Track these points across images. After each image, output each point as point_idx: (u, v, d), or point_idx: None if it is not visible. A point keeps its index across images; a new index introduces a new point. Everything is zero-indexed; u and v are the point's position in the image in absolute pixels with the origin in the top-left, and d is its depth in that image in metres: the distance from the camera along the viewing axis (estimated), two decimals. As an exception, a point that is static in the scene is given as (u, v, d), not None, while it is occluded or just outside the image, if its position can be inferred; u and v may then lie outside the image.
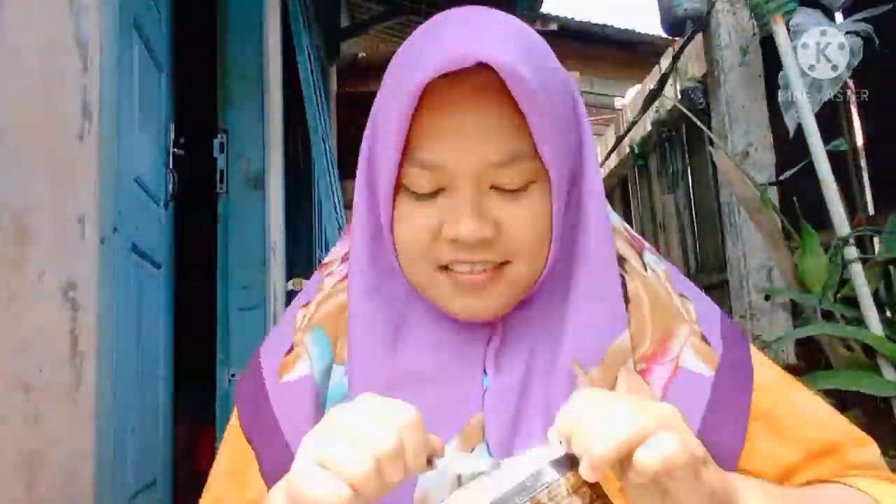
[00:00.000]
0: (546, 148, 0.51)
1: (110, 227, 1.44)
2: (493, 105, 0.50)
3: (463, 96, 0.50)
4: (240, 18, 2.62)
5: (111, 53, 1.47)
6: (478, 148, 0.50)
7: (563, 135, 0.53)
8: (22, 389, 1.05)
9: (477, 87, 0.50)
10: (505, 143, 0.51)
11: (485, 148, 0.50)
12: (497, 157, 0.51)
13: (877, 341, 1.57)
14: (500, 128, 0.50)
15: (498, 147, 0.50)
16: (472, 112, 0.50)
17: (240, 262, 2.45)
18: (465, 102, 0.50)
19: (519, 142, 0.51)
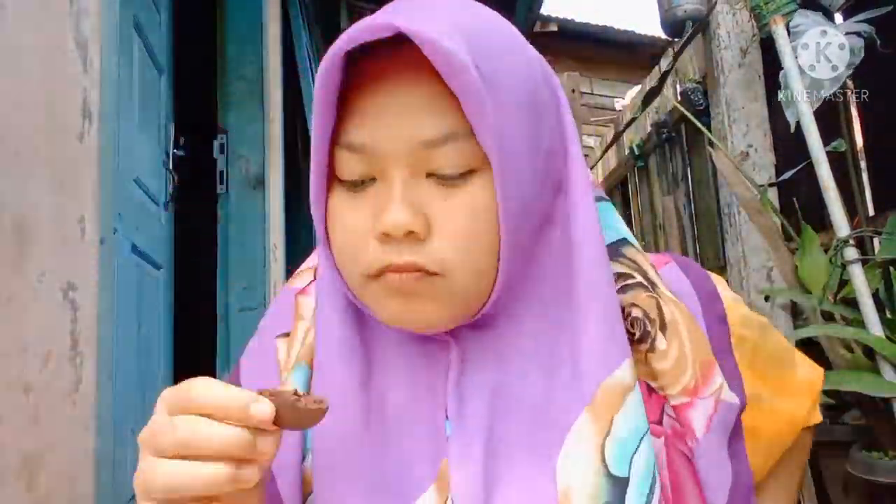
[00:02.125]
0: (481, 127, 0.44)
1: (110, 227, 1.44)
2: (426, 82, 0.45)
3: (395, 73, 0.46)
4: (240, 18, 2.62)
5: (111, 54, 1.47)
6: (408, 124, 0.45)
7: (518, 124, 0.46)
8: (22, 389, 1.05)
9: (412, 66, 0.45)
10: (439, 120, 0.45)
11: (415, 125, 0.45)
12: (429, 134, 0.45)
13: (877, 342, 1.57)
14: (434, 104, 0.45)
15: (430, 123, 0.45)
16: (404, 88, 0.45)
17: (240, 262, 2.45)
18: (396, 79, 0.45)
19: (456, 120, 0.45)
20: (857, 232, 1.73)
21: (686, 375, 0.50)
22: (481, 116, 0.44)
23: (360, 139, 0.46)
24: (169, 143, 2.10)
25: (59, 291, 1.19)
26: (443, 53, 0.42)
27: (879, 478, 1.50)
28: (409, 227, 0.45)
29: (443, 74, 0.43)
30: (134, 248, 1.73)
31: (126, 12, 1.67)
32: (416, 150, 0.46)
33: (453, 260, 0.46)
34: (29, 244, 1.09)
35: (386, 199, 0.46)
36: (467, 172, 0.46)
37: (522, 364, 0.50)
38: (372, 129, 0.46)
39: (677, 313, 0.53)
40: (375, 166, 0.47)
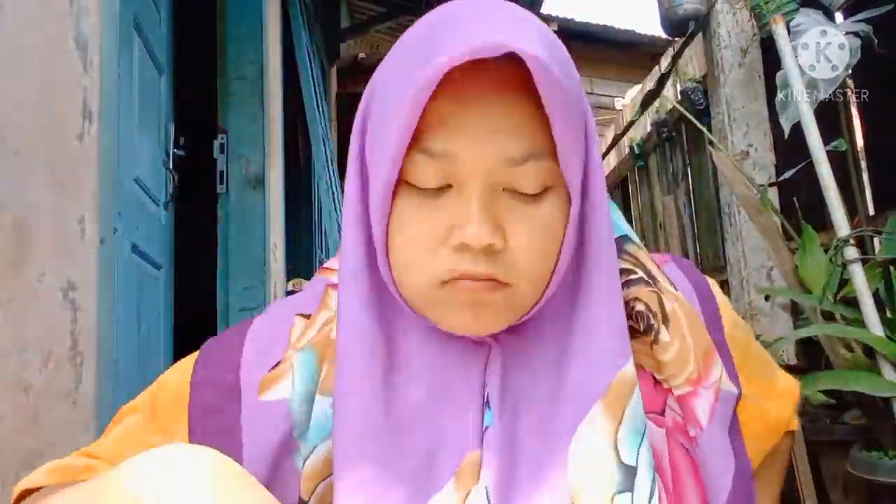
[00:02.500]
0: (568, 149, 0.47)
1: (110, 227, 1.44)
2: (513, 98, 0.46)
3: (482, 86, 0.46)
4: (240, 18, 2.62)
5: (111, 54, 1.47)
6: (494, 141, 0.46)
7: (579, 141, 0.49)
8: (22, 389, 1.05)
9: (498, 78, 0.46)
10: (523, 139, 0.46)
11: (500, 142, 0.46)
12: (513, 152, 0.46)
13: (877, 342, 1.57)
14: (521, 124, 0.46)
15: (515, 142, 0.46)
16: (490, 102, 0.46)
17: (240, 262, 2.45)
18: (483, 93, 0.46)
19: (538, 141, 0.47)
20: (857, 231, 1.73)
21: (689, 366, 0.53)
22: (568, 139, 0.46)
23: (444, 147, 0.46)
24: (169, 143, 2.10)
25: (59, 291, 1.19)
26: (552, 78, 0.44)
27: (880, 477, 1.50)
28: (489, 240, 0.46)
29: (549, 97, 0.44)
30: (134, 247, 1.73)
31: (126, 12, 1.67)
32: (499, 165, 0.46)
33: (524, 272, 0.48)
34: (29, 244, 1.09)
35: (464, 210, 0.46)
36: (543, 190, 0.48)
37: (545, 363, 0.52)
38: (457, 140, 0.46)
39: (678, 307, 0.55)
40: (454, 176, 0.47)
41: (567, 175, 0.48)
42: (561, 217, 0.49)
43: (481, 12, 0.47)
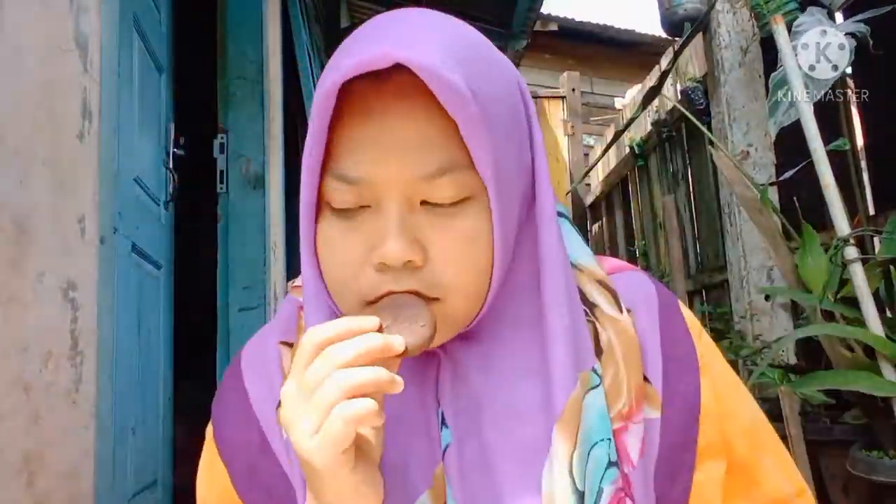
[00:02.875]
0: (482, 158, 0.45)
1: (110, 227, 1.44)
2: (421, 112, 0.45)
3: (388, 103, 0.45)
4: (240, 18, 2.62)
5: (111, 53, 1.47)
6: (403, 159, 0.45)
7: (507, 147, 0.47)
8: (22, 389, 1.05)
9: (405, 94, 0.45)
10: (435, 153, 0.45)
11: (411, 159, 0.45)
12: (425, 169, 0.45)
13: (877, 341, 1.57)
14: (429, 136, 0.45)
15: (426, 157, 0.45)
16: (398, 119, 0.45)
17: (240, 262, 2.45)
18: (390, 110, 0.45)
19: (452, 152, 0.45)
20: (857, 231, 1.73)
21: (621, 400, 0.51)
22: (481, 148, 0.45)
23: (355, 172, 0.46)
24: (169, 143, 2.10)
25: (59, 291, 1.19)
26: (446, 85, 0.42)
27: (880, 477, 1.50)
28: (406, 256, 0.45)
29: (446, 106, 0.43)
30: (134, 247, 1.73)
31: (126, 11, 1.67)
32: (412, 182, 0.46)
33: (451, 285, 0.47)
34: (29, 244, 1.09)
35: (382, 229, 0.46)
36: (461, 200, 0.47)
37: (504, 375, 0.52)
38: (367, 162, 0.46)
39: (614, 337, 0.53)
40: (369, 196, 0.47)
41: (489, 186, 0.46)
42: (486, 227, 0.47)
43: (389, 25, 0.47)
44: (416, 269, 0.46)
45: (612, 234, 5.35)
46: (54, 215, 1.17)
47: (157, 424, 1.92)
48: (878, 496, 1.53)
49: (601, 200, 5.53)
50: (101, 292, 1.36)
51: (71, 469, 1.21)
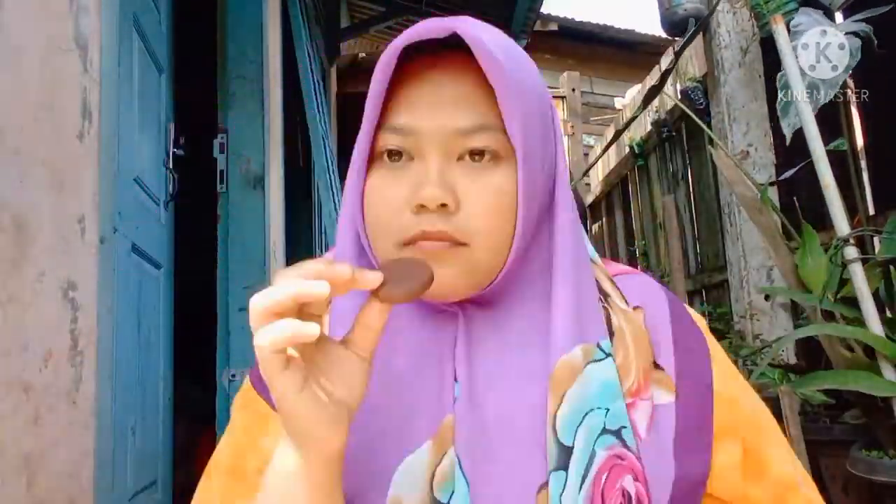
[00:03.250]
0: (513, 123, 0.52)
1: (110, 227, 1.44)
2: (466, 78, 0.53)
3: (439, 70, 0.54)
4: (240, 18, 2.62)
5: (111, 53, 1.47)
6: (447, 114, 0.53)
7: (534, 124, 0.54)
8: (22, 389, 1.05)
9: (454, 64, 0.54)
10: (474, 112, 0.53)
11: (453, 114, 0.53)
12: (465, 123, 0.53)
13: (877, 341, 1.57)
14: (470, 99, 0.53)
15: (466, 114, 0.53)
16: (446, 83, 0.54)
17: (240, 262, 2.45)
18: (441, 76, 0.54)
19: (489, 115, 0.53)
20: (857, 231, 1.73)
21: (630, 378, 0.56)
22: (512, 112, 0.52)
23: (404, 122, 0.54)
24: (169, 143, 2.10)
25: (59, 291, 1.19)
26: (490, 54, 0.50)
27: (880, 477, 1.50)
28: (442, 199, 0.51)
29: (487, 71, 0.51)
30: (134, 247, 1.73)
31: (126, 11, 1.67)
32: (452, 135, 0.53)
33: (478, 232, 0.53)
34: (29, 244, 1.09)
35: (423, 176, 0.53)
36: (493, 159, 0.54)
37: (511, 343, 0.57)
38: (415, 115, 0.54)
39: (625, 323, 0.59)
40: (415, 147, 0.54)
41: (517, 148, 0.53)
42: (513, 187, 0.54)
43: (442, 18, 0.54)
44: (449, 215, 0.52)
45: (611, 234, 5.35)
46: (54, 215, 1.17)
47: (157, 424, 1.92)
48: (878, 496, 1.53)
49: (601, 200, 5.53)
50: (101, 292, 1.36)
51: (71, 469, 1.21)
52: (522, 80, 0.54)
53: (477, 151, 0.54)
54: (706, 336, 0.62)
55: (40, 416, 1.10)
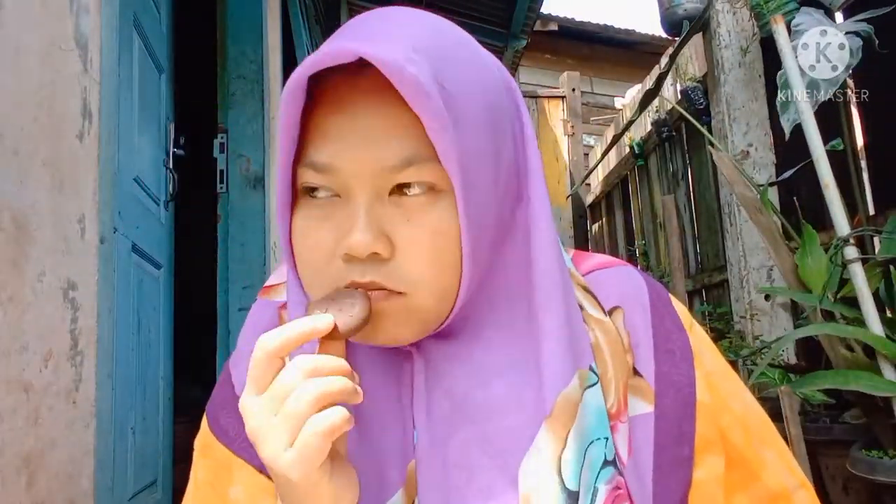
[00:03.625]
0: (446, 152, 0.45)
1: (110, 227, 1.44)
2: (391, 105, 0.45)
3: (358, 96, 0.46)
4: (240, 18, 2.62)
5: (111, 53, 1.47)
6: (370, 148, 0.46)
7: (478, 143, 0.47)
8: (22, 389, 1.05)
9: (375, 89, 0.45)
10: (401, 144, 0.46)
11: (378, 149, 0.46)
12: (391, 159, 0.46)
13: (877, 341, 1.57)
14: (396, 128, 0.46)
15: (392, 148, 0.46)
16: (367, 111, 0.46)
17: (240, 262, 2.45)
18: (359, 102, 0.46)
19: (418, 144, 0.46)
20: (857, 231, 1.73)
21: (611, 398, 0.52)
22: (444, 140, 0.44)
23: (324, 160, 0.47)
24: (169, 143, 2.10)
25: (59, 291, 1.19)
26: (406, 79, 0.43)
27: (880, 477, 1.50)
28: (372, 248, 0.45)
29: (407, 99, 0.44)
30: (134, 247, 1.73)
31: (126, 11, 1.67)
32: (379, 173, 0.46)
33: (417, 280, 0.47)
34: (29, 244, 1.09)
35: (350, 219, 0.46)
36: (429, 193, 0.47)
37: (485, 373, 0.51)
38: (335, 151, 0.46)
39: (601, 335, 0.54)
40: (339, 186, 0.47)
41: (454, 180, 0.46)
42: (456, 222, 0.47)
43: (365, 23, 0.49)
44: (383, 262, 0.46)
45: (611, 234, 5.35)
46: (54, 215, 1.17)
47: (157, 424, 1.92)
48: (878, 496, 1.53)
49: (601, 200, 5.53)
50: (101, 292, 1.36)
51: (71, 469, 1.21)
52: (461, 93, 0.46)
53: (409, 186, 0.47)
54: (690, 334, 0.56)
55: (40, 415, 1.10)
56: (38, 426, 1.09)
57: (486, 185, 0.48)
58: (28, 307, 1.08)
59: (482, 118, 0.48)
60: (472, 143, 0.47)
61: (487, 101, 0.49)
